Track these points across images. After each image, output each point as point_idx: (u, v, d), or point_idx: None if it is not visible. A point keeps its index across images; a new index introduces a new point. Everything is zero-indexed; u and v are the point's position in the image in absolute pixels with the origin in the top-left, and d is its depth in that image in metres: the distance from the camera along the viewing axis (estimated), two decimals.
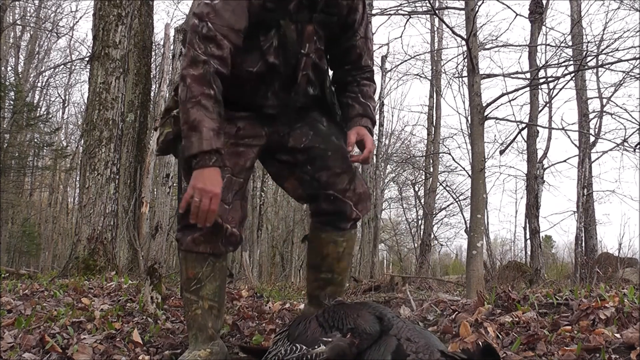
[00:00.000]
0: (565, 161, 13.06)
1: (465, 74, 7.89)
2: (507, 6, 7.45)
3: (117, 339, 2.30)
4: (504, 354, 1.89)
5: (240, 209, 1.89)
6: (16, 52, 19.26)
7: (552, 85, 8.67)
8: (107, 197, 5.85)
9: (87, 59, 10.26)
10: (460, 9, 7.17)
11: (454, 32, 5.10)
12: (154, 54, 10.45)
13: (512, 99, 9.08)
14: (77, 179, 17.66)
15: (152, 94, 9.74)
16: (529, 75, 7.14)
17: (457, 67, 13.01)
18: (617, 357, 1.75)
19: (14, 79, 17.39)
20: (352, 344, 1.37)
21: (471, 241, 4.57)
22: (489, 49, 11.09)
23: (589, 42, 8.85)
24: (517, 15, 7.24)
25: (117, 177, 6.14)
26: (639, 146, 7.41)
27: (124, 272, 5.90)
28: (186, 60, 1.75)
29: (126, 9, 6.30)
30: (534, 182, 10.23)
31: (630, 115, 10.54)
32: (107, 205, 5.84)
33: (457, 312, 2.52)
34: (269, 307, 3.08)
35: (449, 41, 15.60)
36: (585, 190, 9.61)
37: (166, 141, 1.97)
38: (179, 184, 2.95)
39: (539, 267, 9.62)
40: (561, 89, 11.82)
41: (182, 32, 3.31)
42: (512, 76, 6.90)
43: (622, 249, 8.89)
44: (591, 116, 11.62)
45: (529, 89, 8.23)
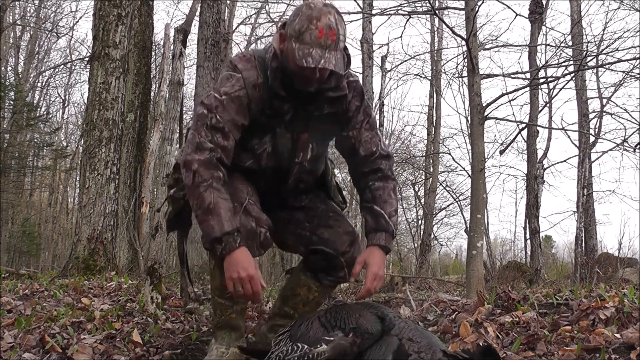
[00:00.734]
0: (565, 161, 13.03)
1: (465, 74, 7.89)
2: (507, 6, 7.44)
3: (117, 339, 2.30)
4: (504, 354, 1.89)
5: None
6: (16, 52, 19.26)
7: (552, 85, 8.66)
8: (107, 197, 5.84)
9: (87, 59, 10.26)
10: (460, 9, 7.16)
11: (454, 32, 5.10)
12: (154, 54, 10.45)
13: (512, 99, 9.08)
14: (77, 179, 17.65)
15: (152, 94, 9.74)
16: (529, 75, 7.14)
17: (457, 67, 13.00)
18: (617, 357, 1.75)
19: (14, 79, 17.39)
20: (354, 343, 1.37)
21: (471, 241, 4.57)
22: (489, 49, 11.06)
23: (589, 42, 8.84)
24: (517, 15, 7.24)
25: (117, 177, 6.14)
26: (639, 146, 7.40)
27: (124, 272, 5.89)
28: (191, 146, 1.77)
29: (126, 9, 6.30)
30: (534, 182, 10.22)
31: (630, 115, 10.50)
32: (107, 205, 5.83)
33: (457, 312, 2.52)
34: (269, 307, 3.08)
35: (449, 41, 15.56)
36: (585, 190, 9.59)
37: (170, 219, 2.03)
38: None
39: (539, 267, 9.62)
40: (561, 89, 11.80)
41: (182, 32, 3.31)
42: (512, 76, 6.90)
43: (622, 249, 8.87)
44: (591, 116, 11.62)
45: (529, 89, 8.22)
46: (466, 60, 5.12)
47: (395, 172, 2.18)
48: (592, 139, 10.58)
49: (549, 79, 6.95)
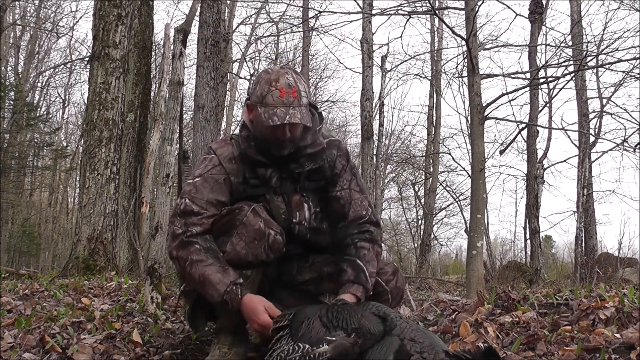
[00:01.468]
0: (565, 161, 13.00)
1: (465, 74, 7.89)
2: (507, 6, 7.45)
3: (117, 339, 2.30)
4: (504, 354, 1.89)
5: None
6: (16, 52, 19.26)
7: (552, 85, 8.67)
8: (107, 197, 5.85)
9: (87, 59, 10.27)
10: (460, 9, 7.16)
11: (454, 32, 5.10)
12: (154, 54, 10.45)
13: (512, 99, 9.07)
14: (77, 179, 17.66)
15: (152, 94, 9.74)
16: (529, 75, 7.14)
17: (457, 67, 12.98)
18: (617, 357, 1.75)
19: (14, 79, 17.40)
20: (355, 344, 1.37)
21: (471, 241, 4.57)
22: (489, 49, 11.08)
23: (589, 42, 8.84)
24: (517, 15, 7.25)
25: (117, 177, 6.14)
26: (639, 146, 7.41)
27: (124, 272, 5.89)
28: (169, 236, 1.87)
29: (126, 9, 6.30)
30: (534, 182, 10.22)
31: (630, 115, 10.50)
32: (107, 205, 5.83)
33: (457, 312, 2.52)
34: None
35: (449, 41, 15.55)
36: (585, 190, 9.59)
37: (191, 317, 2.05)
38: (179, 184, 2.95)
39: (539, 267, 9.62)
40: (561, 89, 11.79)
41: (182, 32, 3.31)
42: (512, 76, 6.91)
43: (622, 249, 8.86)
44: (591, 116, 11.62)
45: (529, 89, 8.23)
46: (466, 60, 5.13)
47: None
48: (592, 139, 10.59)
49: (549, 79, 6.96)
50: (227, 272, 1.77)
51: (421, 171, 16.91)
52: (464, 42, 4.93)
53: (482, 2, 5.53)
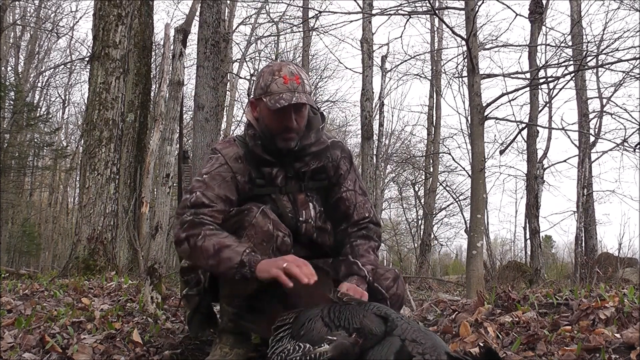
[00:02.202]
0: (565, 161, 13.04)
1: (465, 74, 7.89)
2: (507, 6, 7.43)
3: (117, 339, 2.30)
4: (504, 354, 1.89)
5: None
6: (16, 52, 19.26)
7: (552, 85, 8.67)
8: (107, 197, 5.85)
9: (87, 59, 10.27)
10: (460, 9, 7.16)
11: (454, 32, 5.10)
12: (154, 54, 10.45)
13: (512, 99, 9.07)
14: (77, 179, 17.66)
15: (152, 94, 9.74)
16: (529, 75, 7.14)
17: (457, 67, 12.98)
18: (617, 357, 1.75)
19: (14, 79, 17.40)
20: (356, 343, 1.37)
21: (471, 241, 4.57)
22: (489, 49, 11.08)
23: (589, 42, 8.84)
24: (517, 15, 7.24)
25: (117, 177, 6.14)
26: (639, 146, 7.41)
27: (124, 272, 5.89)
28: (176, 227, 1.82)
29: (126, 9, 6.30)
30: (534, 182, 10.23)
31: (630, 115, 10.51)
32: (107, 205, 5.84)
33: (457, 312, 2.52)
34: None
35: (449, 41, 15.56)
36: (585, 190, 9.59)
37: (189, 320, 2.03)
38: (179, 184, 2.95)
39: (539, 267, 9.62)
40: (561, 89, 11.81)
41: (182, 32, 3.31)
42: (512, 76, 6.91)
43: (622, 249, 8.87)
44: (591, 116, 11.62)
45: (529, 89, 8.23)
46: (466, 60, 5.13)
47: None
48: (592, 139, 10.59)
49: (549, 79, 6.96)
50: (244, 243, 1.74)
51: (421, 171, 16.91)
52: (464, 42, 4.93)
53: (482, 2, 5.53)
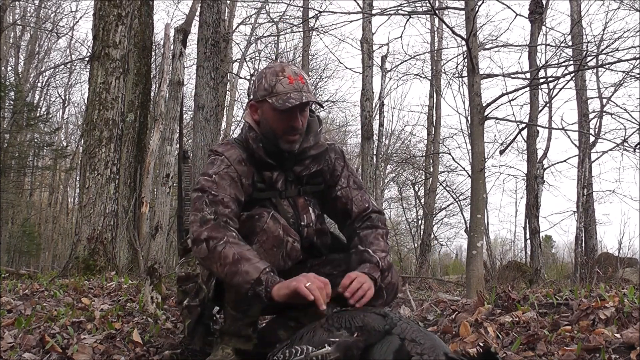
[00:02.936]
0: (565, 161, 13.06)
1: (465, 74, 7.89)
2: (507, 6, 7.42)
3: (117, 339, 2.30)
4: (504, 354, 1.89)
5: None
6: (16, 52, 19.26)
7: (552, 85, 8.67)
8: (107, 197, 5.84)
9: (87, 59, 10.27)
10: (460, 9, 7.16)
11: (454, 32, 5.10)
12: (154, 54, 10.45)
13: (512, 99, 9.07)
14: (77, 179, 17.67)
15: (152, 94, 9.74)
16: (529, 75, 7.14)
17: (457, 67, 12.96)
18: (617, 357, 1.75)
19: (14, 79, 17.40)
20: (358, 341, 1.37)
21: (471, 241, 4.57)
22: (489, 49, 11.08)
23: (589, 42, 8.83)
24: (517, 15, 7.23)
25: (117, 177, 6.14)
26: (639, 146, 7.40)
27: (124, 272, 5.89)
28: (196, 223, 1.77)
29: (126, 9, 6.29)
30: (534, 182, 10.23)
31: (630, 115, 10.52)
32: (107, 205, 5.83)
33: (457, 312, 2.52)
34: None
35: (449, 41, 15.55)
36: (585, 190, 9.60)
37: (191, 331, 2.01)
38: (179, 184, 2.96)
39: (539, 267, 9.62)
40: (561, 89, 11.81)
41: (182, 32, 3.31)
42: (512, 76, 6.90)
43: (622, 249, 8.88)
44: (591, 116, 11.62)
45: (529, 89, 8.23)
46: (466, 60, 5.12)
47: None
48: (592, 139, 10.59)
49: (549, 79, 6.96)
50: (264, 260, 1.69)
51: (421, 171, 16.91)
52: (464, 42, 4.92)
53: (482, 2, 5.53)
